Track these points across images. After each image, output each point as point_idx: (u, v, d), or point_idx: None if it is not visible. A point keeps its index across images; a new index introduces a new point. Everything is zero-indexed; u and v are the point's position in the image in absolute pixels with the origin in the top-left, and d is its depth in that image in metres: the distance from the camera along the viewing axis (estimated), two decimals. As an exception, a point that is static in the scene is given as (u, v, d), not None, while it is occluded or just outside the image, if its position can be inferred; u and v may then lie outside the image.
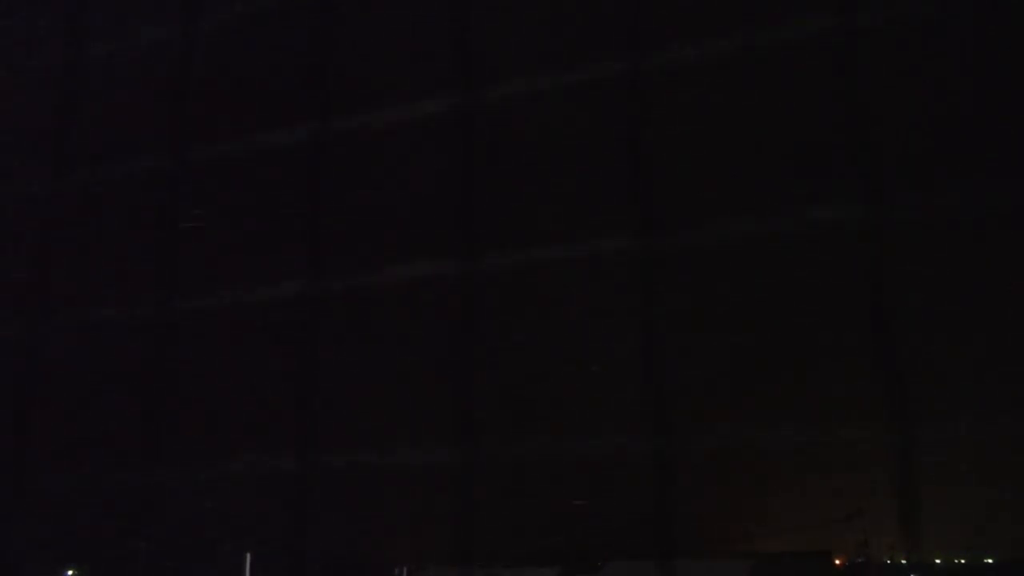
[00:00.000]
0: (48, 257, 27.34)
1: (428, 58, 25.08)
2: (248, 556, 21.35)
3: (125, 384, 25.28)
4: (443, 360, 23.01)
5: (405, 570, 24.48)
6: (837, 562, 24.27)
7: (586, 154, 22.76)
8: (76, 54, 28.78)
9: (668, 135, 22.35)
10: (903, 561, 22.69)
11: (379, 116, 25.38)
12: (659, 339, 21.30)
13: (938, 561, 22.76)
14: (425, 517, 23.60)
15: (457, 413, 22.88)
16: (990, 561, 22.33)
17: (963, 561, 22.68)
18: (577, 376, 21.84)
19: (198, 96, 27.41)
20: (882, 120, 20.56)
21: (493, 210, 23.52)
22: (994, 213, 18.84)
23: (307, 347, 24.44)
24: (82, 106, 28.68)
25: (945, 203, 19.13)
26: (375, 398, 23.46)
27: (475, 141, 24.33)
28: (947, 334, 18.98)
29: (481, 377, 23.07)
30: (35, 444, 25.75)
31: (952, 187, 19.33)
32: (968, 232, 18.68)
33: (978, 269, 18.39)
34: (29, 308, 26.88)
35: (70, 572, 27.65)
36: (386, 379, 23.41)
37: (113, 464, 24.65)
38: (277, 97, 26.02)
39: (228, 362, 24.99)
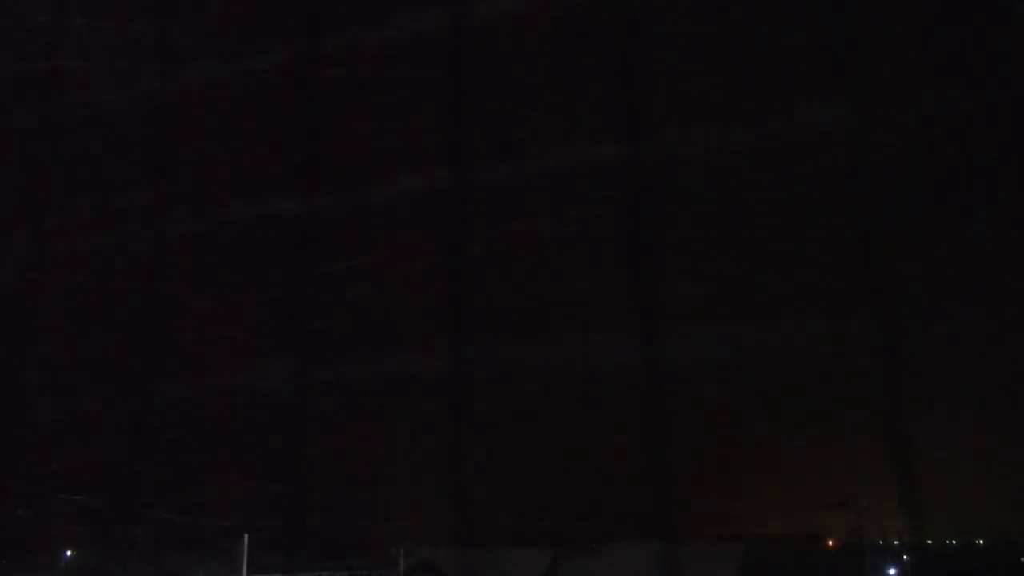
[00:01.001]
0: (41, 184, 27.13)
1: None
2: (246, 537, 21.40)
3: (120, 305, 25.14)
4: (433, 271, 23.00)
5: (401, 550, 24.55)
6: (830, 543, 24.45)
7: (574, 66, 22.62)
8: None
9: (659, 46, 22.26)
10: (896, 543, 22.87)
11: (369, 35, 25.25)
12: (648, 246, 21.36)
13: (930, 542, 22.95)
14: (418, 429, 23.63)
15: (448, 323, 22.91)
16: (981, 542, 22.53)
17: (955, 542, 22.87)
18: (566, 286, 21.95)
19: (187, 21, 27.13)
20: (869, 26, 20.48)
21: (481, 123, 23.51)
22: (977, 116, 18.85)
23: (300, 262, 24.43)
24: (69, 40, 28.35)
25: (930, 108, 19.22)
26: (365, 312, 23.48)
27: (464, 57, 24.23)
28: (945, 319, 19.07)
29: (472, 287, 23.16)
30: (32, 364, 25.68)
31: (937, 87, 19.37)
32: (968, 235, 18.73)
33: (979, 261, 18.43)
34: (22, 233, 26.75)
35: (69, 553, 27.72)
36: (378, 291, 23.45)
37: (109, 383, 24.57)
38: (266, 21, 25.70)
39: (222, 280, 24.89)
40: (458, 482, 22.74)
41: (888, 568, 22.16)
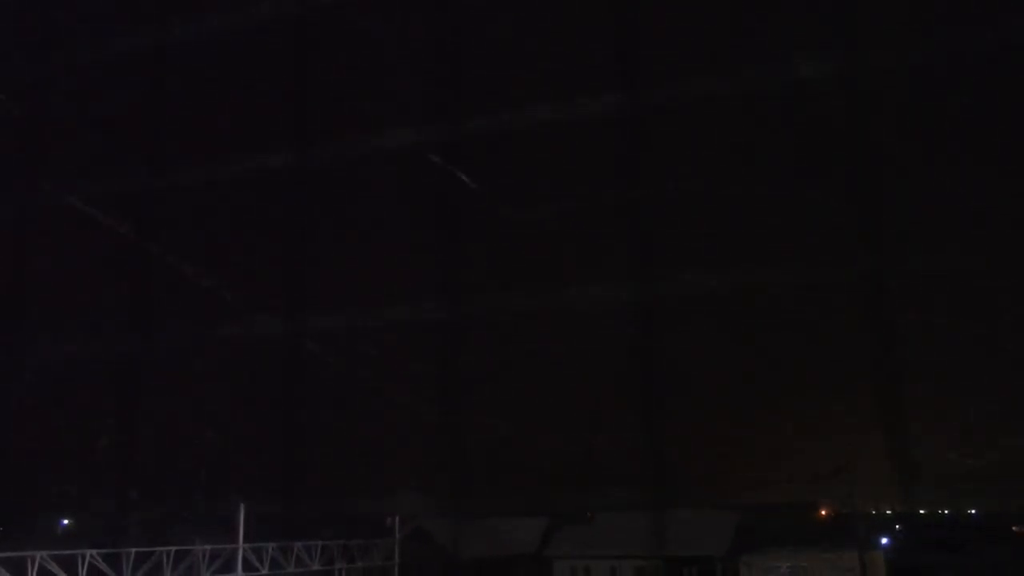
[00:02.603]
0: (38, 136, 26.71)
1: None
2: (243, 507, 21.46)
3: (114, 257, 24.92)
4: (429, 222, 22.81)
5: (397, 519, 24.71)
6: (823, 513, 24.59)
7: (567, 19, 22.28)
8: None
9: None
10: (888, 512, 23.01)
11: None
12: (643, 192, 21.05)
13: (922, 512, 23.10)
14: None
15: (444, 273, 22.62)
16: (973, 512, 22.68)
17: (946, 512, 23.02)
18: (561, 235, 21.86)
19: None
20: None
21: (476, 76, 23.14)
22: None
23: (296, 214, 24.16)
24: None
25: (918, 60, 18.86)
26: (363, 262, 23.36)
27: (456, 10, 23.68)
28: (937, 297, 18.99)
29: (466, 236, 22.91)
30: (28, 315, 25.41)
31: (926, 38, 19.00)
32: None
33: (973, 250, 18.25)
34: (15, 183, 26.33)
35: (65, 522, 27.86)
36: (374, 242, 23.36)
37: (105, 333, 24.34)
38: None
39: (217, 232, 24.69)
40: (453, 449, 22.69)
41: (880, 537, 22.34)
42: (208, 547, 19.66)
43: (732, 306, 20.37)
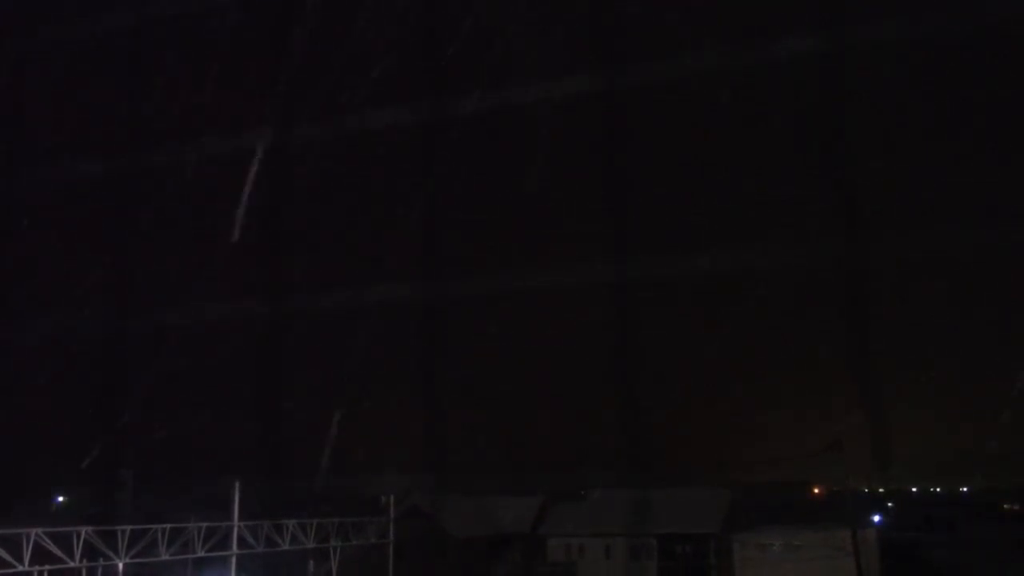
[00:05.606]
0: (20, 109, 26.43)
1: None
2: (237, 485, 21.42)
3: (97, 237, 24.76)
4: (409, 201, 22.78)
5: (392, 497, 24.74)
6: (816, 491, 24.72)
7: (547, 3, 22.13)
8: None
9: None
10: (880, 490, 23.15)
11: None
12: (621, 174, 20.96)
13: (914, 490, 23.26)
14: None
15: (424, 253, 22.52)
16: (965, 490, 22.84)
17: (938, 490, 23.18)
18: (538, 212, 21.87)
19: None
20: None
21: (459, 55, 22.96)
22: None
23: (278, 193, 24.04)
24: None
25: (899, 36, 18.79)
26: (344, 242, 23.30)
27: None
28: (917, 279, 19.00)
29: (446, 217, 22.82)
30: (10, 293, 25.22)
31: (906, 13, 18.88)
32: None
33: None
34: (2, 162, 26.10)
35: (60, 499, 27.86)
36: (356, 223, 23.31)
37: (85, 313, 24.24)
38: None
39: (199, 210, 24.57)
40: (443, 429, 22.71)
41: (873, 515, 22.48)
42: (203, 525, 19.63)
43: (721, 288, 20.35)
